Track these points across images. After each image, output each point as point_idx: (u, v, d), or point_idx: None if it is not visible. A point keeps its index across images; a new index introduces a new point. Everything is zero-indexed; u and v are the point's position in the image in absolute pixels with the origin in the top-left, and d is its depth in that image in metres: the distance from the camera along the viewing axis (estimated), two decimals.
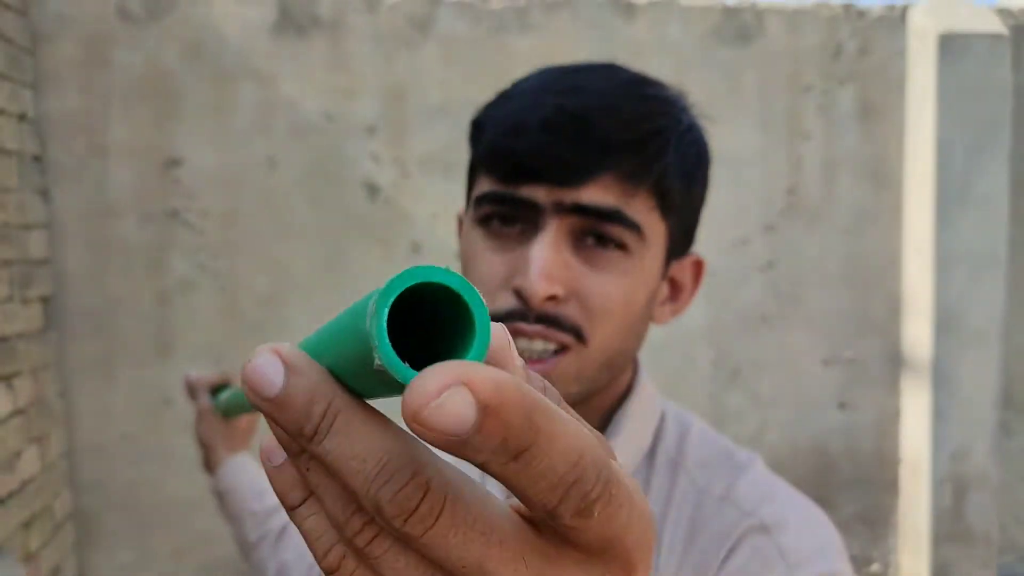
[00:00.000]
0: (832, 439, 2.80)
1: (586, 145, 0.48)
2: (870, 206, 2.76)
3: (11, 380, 2.05)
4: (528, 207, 0.49)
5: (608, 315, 0.50)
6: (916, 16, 2.71)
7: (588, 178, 0.48)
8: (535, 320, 0.48)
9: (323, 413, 0.18)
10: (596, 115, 0.48)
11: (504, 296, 0.50)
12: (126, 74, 2.36)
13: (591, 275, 0.49)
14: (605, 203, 0.48)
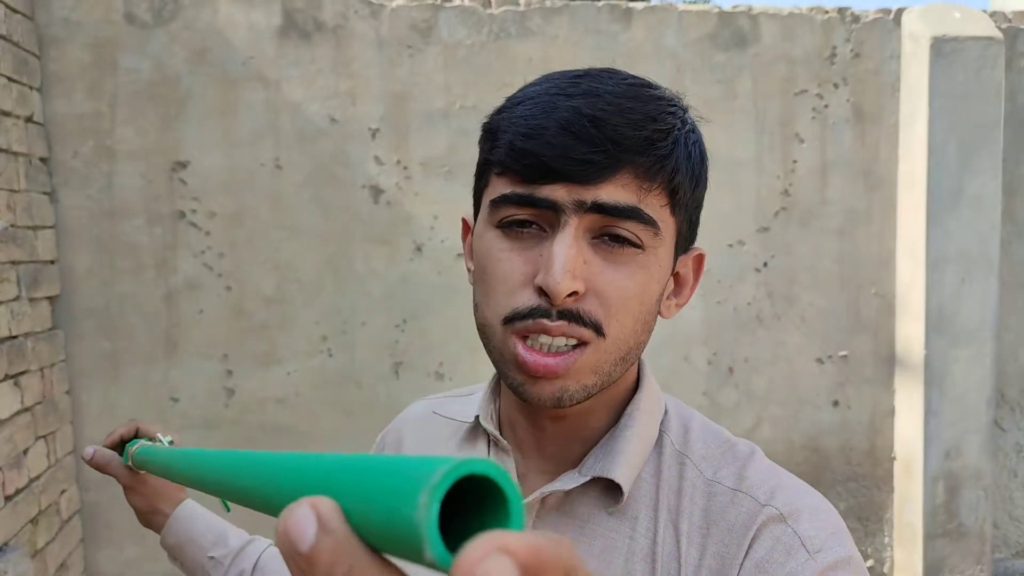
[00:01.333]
0: (826, 436, 2.84)
1: (603, 145, 0.49)
2: (863, 207, 2.80)
3: (19, 379, 2.08)
4: (548, 207, 0.50)
5: (625, 310, 0.52)
6: (909, 20, 2.75)
7: (607, 176, 0.50)
8: (557, 316, 0.50)
9: (344, 574, 0.21)
10: (610, 116, 0.50)
11: (525, 294, 0.51)
12: (133, 78, 2.39)
13: (609, 271, 0.51)
14: (624, 201, 0.50)
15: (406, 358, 2.58)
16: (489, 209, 0.54)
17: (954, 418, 2.76)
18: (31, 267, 2.19)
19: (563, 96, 0.51)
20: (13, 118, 2.13)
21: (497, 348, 0.54)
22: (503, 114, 0.54)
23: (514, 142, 0.51)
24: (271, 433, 2.52)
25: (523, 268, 0.52)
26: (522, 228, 0.52)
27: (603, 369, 0.52)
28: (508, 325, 0.52)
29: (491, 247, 0.53)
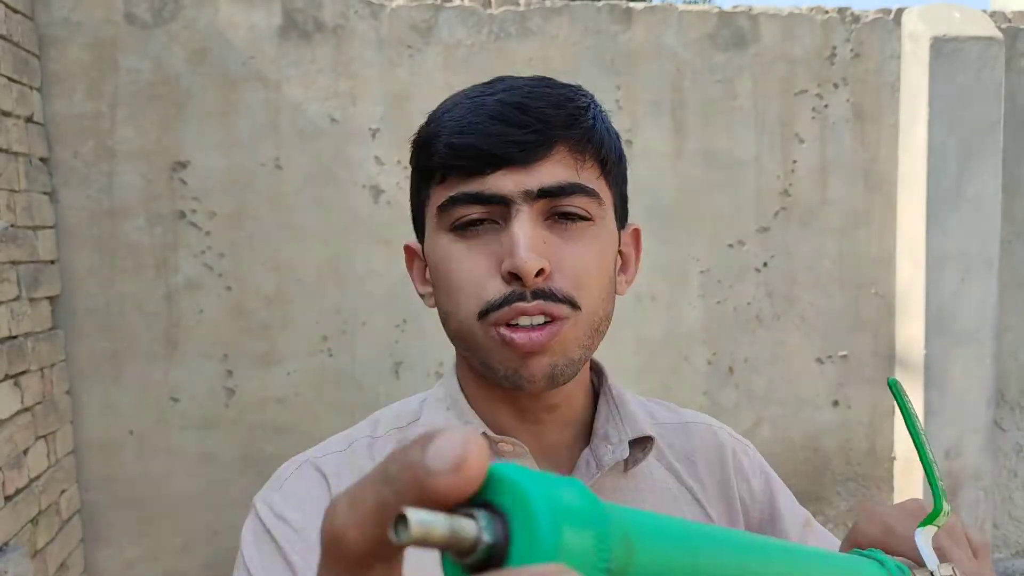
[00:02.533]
0: (826, 436, 2.84)
1: (534, 125, 0.52)
2: (863, 207, 2.80)
3: (19, 379, 2.08)
4: (498, 202, 0.53)
5: (590, 281, 0.54)
6: (910, 20, 2.75)
7: (543, 155, 0.53)
8: (532, 297, 0.52)
9: None
10: (533, 101, 0.53)
11: (493, 286, 0.53)
12: (133, 78, 2.39)
13: (567, 247, 0.54)
14: (564, 178, 0.53)
15: (406, 358, 2.58)
16: (438, 216, 0.55)
17: (954, 418, 2.76)
18: (31, 267, 2.19)
19: (484, 96, 0.55)
20: (13, 118, 2.13)
21: (480, 344, 0.54)
22: (431, 125, 0.57)
23: (451, 141, 0.53)
24: (271, 433, 2.52)
25: (485, 263, 0.53)
26: (476, 226, 0.54)
27: (583, 342, 0.55)
28: (484, 319, 0.53)
29: (448, 251, 0.55)
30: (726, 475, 0.63)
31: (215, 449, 2.50)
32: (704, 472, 0.63)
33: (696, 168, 2.70)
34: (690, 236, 2.70)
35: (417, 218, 0.60)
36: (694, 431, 0.65)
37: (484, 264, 0.53)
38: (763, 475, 0.66)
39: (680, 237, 2.69)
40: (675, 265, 2.70)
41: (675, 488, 0.62)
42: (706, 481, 0.63)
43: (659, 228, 2.65)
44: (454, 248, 0.54)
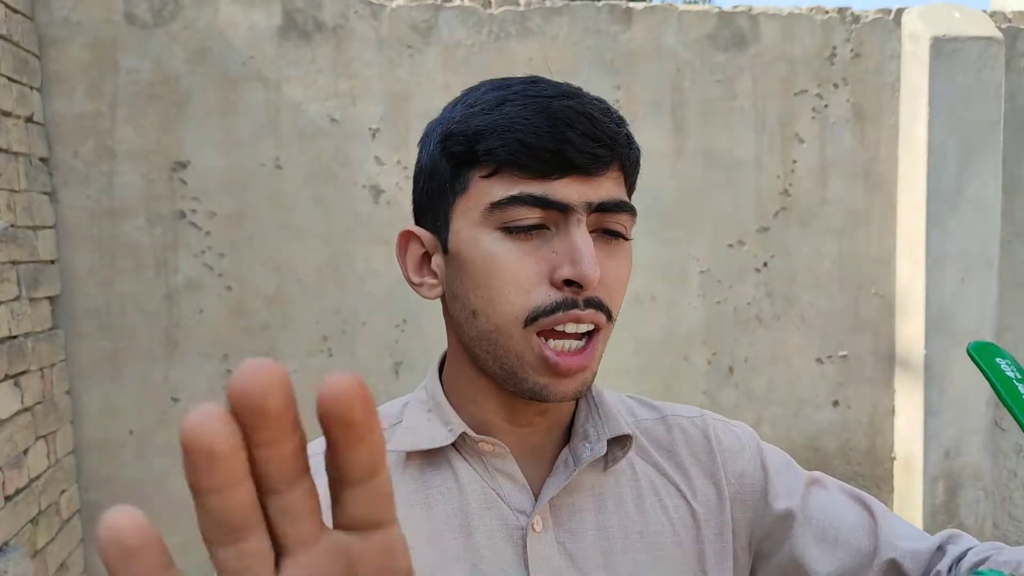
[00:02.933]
0: (826, 436, 2.84)
1: (603, 140, 0.53)
2: (863, 207, 2.81)
3: (19, 379, 2.08)
4: (560, 208, 0.53)
5: (620, 295, 0.57)
6: (910, 20, 2.75)
7: (605, 171, 0.54)
8: (585, 305, 0.53)
9: None
10: (599, 115, 0.54)
11: (541, 292, 0.53)
12: (133, 78, 2.39)
13: (608, 262, 0.55)
14: (617, 196, 0.55)
15: (406, 358, 2.58)
16: (487, 212, 0.54)
17: (954, 418, 2.77)
18: (31, 267, 2.19)
19: (543, 98, 0.53)
20: (13, 118, 2.13)
21: (515, 352, 0.54)
22: (484, 116, 0.54)
23: (524, 139, 0.52)
24: None
25: (536, 267, 0.53)
26: (527, 231, 0.53)
27: (603, 352, 0.57)
28: (530, 325, 0.53)
29: (495, 250, 0.53)
30: (711, 460, 0.64)
31: None
32: (689, 462, 0.64)
33: (696, 168, 2.70)
34: (690, 236, 2.70)
35: (436, 207, 0.58)
36: (674, 423, 0.66)
37: (534, 268, 0.53)
38: (755, 449, 0.66)
39: (680, 237, 2.69)
40: (675, 265, 2.70)
41: (658, 482, 0.63)
42: (691, 471, 0.64)
43: (659, 228, 2.65)
44: (502, 248, 0.53)
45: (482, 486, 0.58)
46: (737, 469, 0.65)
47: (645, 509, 0.61)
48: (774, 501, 0.64)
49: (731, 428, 0.67)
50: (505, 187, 0.53)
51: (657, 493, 0.62)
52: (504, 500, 0.58)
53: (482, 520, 0.57)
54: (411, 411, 0.61)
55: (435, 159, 0.58)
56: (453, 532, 0.57)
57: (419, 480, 0.59)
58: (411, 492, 0.58)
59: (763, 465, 0.65)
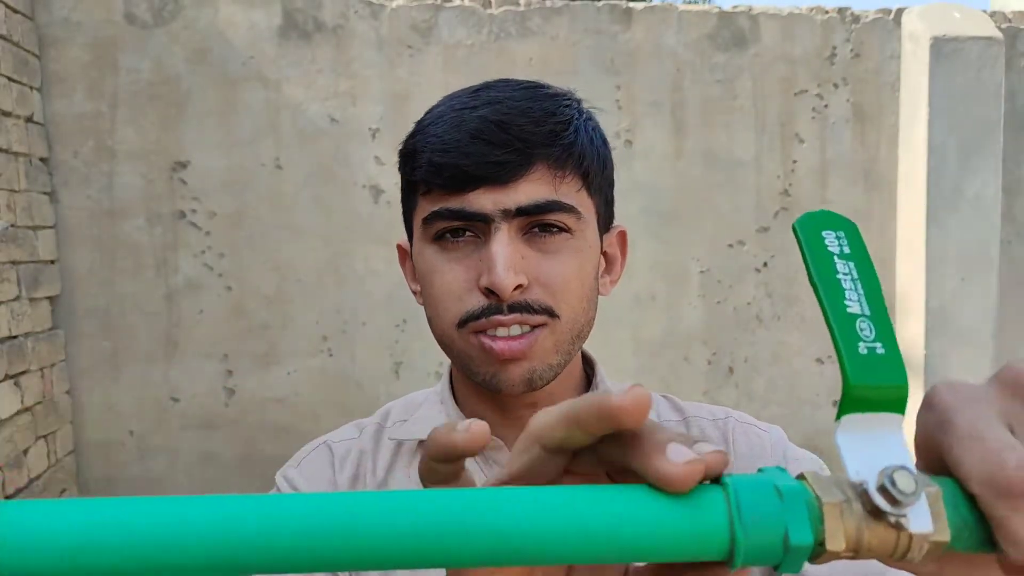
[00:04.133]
0: (826, 436, 2.84)
1: (513, 145, 0.54)
2: (863, 207, 2.81)
3: (19, 379, 2.08)
4: (479, 219, 0.55)
5: (569, 291, 0.57)
6: (910, 20, 2.75)
7: (522, 174, 0.54)
8: (509, 310, 0.55)
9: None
10: (514, 118, 0.55)
11: (472, 298, 0.55)
12: (133, 78, 2.39)
13: (546, 261, 0.56)
14: (541, 197, 0.55)
15: (406, 358, 2.58)
16: (423, 227, 0.58)
17: None
18: (31, 267, 2.19)
19: (468, 109, 0.56)
20: (13, 118, 2.13)
21: (460, 350, 0.58)
22: (417, 137, 0.59)
23: (432, 158, 0.55)
24: (271, 433, 2.52)
25: (465, 275, 0.56)
26: (456, 238, 0.56)
27: (563, 348, 0.57)
28: (463, 328, 0.56)
29: (431, 262, 0.57)
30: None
31: (215, 449, 2.50)
32: None
33: (696, 168, 2.70)
34: (690, 236, 2.70)
35: (407, 222, 0.63)
36: (694, 425, 0.66)
37: (463, 276, 0.56)
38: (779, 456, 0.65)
39: (680, 237, 2.69)
40: (675, 265, 2.70)
41: None
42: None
43: (659, 228, 2.65)
44: (436, 259, 0.57)
45: (481, 476, 0.61)
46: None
47: None
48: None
49: (756, 432, 0.66)
50: (431, 203, 0.57)
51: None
52: None
53: None
54: (428, 403, 0.66)
55: (401, 178, 0.63)
56: None
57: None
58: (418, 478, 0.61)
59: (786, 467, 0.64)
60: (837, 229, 0.32)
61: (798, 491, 0.24)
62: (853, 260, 0.30)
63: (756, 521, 0.23)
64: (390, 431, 0.65)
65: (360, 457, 0.64)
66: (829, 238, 0.31)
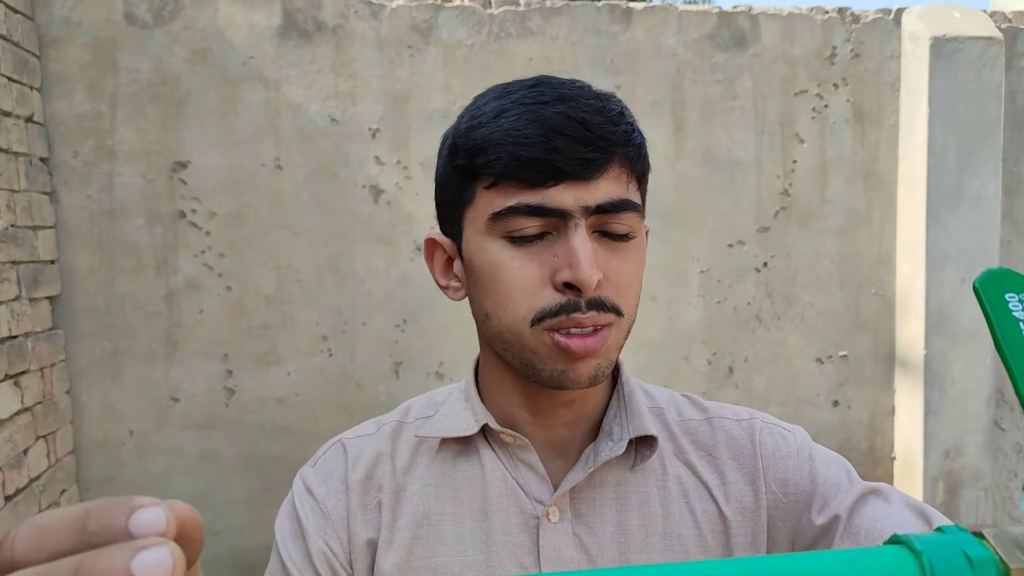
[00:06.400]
0: (826, 436, 2.84)
1: (597, 143, 0.55)
2: (863, 207, 2.81)
3: (19, 379, 2.08)
4: (558, 215, 0.55)
5: (632, 291, 0.58)
6: (910, 19, 2.75)
7: (603, 172, 0.55)
8: (586, 307, 0.55)
9: None
10: (593, 117, 0.55)
11: (546, 294, 0.56)
12: (133, 78, 2.39)
13: (614, 259, 0.57)
14: (616, 195, 0.56)
15: (406, 358, 2.58)
16: (491, 222, 0.57)
17: (954, 418, 2.77)
18: (31, 267, 2.19)
19: (539, 105, 0.55)
20: (13, 118, 2.13)
21: (528, 347, 0.57)
22: (483, 128, 0.57)
23: (516, 151, 0.54)
24: (271, 433, 2.52)
25: (539, 271, 0.56)
26: (529, 237, 0.56)
27: (621, 344, 0.59)
28: (538, 325, 0.56)
29: (498, 257, 0.57)
30: (753, 465, 0.63)
31: (215, 449, 2.50)
32: (728, 466, 0.64)
33: (696, 168, 2.70)
34: (690, 236, 2.70)
35: (451, 215, 0.61)
36: (718, 425, 0.66)
37: (537, 272, 0.56)
38: (805, 457, 0.64)
39: (680, 237, 2.69)
40: (675, 265, 2.70)
41: (689, 484, 0.63)
42: (728, 475, 0.63)
43: (659, 228, 2.65)
44: (506, 255, 0.56)
45: (504, 474, 0.62)
46: (780, 476, 0.63)
47: (671, 511, 0.62)
48: (819, 513, 0.60)
49: (781, 432, 0.66)
50: (504, 198, 0.56)
51: (686, 496, 0.62)
52: (523, 489, 0.61)
53: (500, 506, 0.61)
54: (451, 400, 0.66)
55: (447, 171, 0.61)
56: (473, 515, 0.61)
57: (449, 464, 0.63)
58: (439, 475, 0.63)
59: (811, 474, 0.63)
60: (1020, 291, 0.34)
61: (988, 560, 0.25)
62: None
63: None
64: (411, 428, 0.66)
65: (376, 459, 0.64)
66: (1012, 302, 0.33)
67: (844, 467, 0.64)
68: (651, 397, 0.67)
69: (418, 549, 0.61)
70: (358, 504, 0.62)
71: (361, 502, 0.63)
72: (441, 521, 0.61)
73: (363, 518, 0.62)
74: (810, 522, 0.60)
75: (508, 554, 0.60)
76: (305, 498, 0.63)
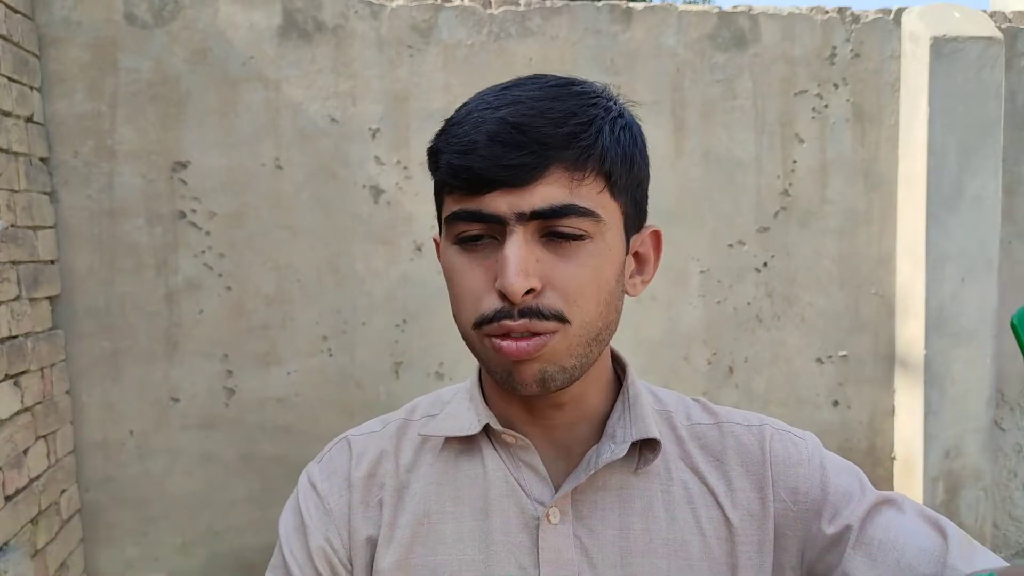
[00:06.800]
0: (826, 436, 2.84)
1: (530, 147, 0.53)
2: (863, 207, 2.81)
3: (19, 379, 2.08)
4: (494, 221, 0.54)
5: (583, 297, 0.56)
6: (909, 20, 2.75)
7: (538, 176, 0.53)
8: (519, 315, 0.54)
9: None
10: (532, 120, 0.54)
11: (489, 300, 0.55)
12: (133, 78, 2.39)
13: (560, 264, 0.55)
14: (558, 200, 0.54)
15: (406, 358, 2.58)
16: (446, 226, 0.58)
17: (954, 418, 2.77)
18: (31, 267, 2.19)
19: (490, 110, 0.55)
20: (13, 118, 2.13)
21: (477, 351, 0.58)
22: (440, 137, 0.58)
23: (451, 160, 0.55)
24: (271, 433, 2.52)
25: (483, 276, 0.56)
26: (477, 241, 0.56)
27: (577, 351, 0.56)
28: (478, 329, 0.56)
29: (453, 262, 0.58)
30: (762, 471, 0.62)
31: (215, 449, 2.50)
32: (736, 472, 0.63)
33: (696, 168, 2.70)
34: (690, 236, 2.70)
35: (438, 217, 0.63)
36: (728, 430, 0.65)
37: (482, 278, 0.56)
38: (816, 465, 0.63)
39: (680, 237, 2.69)
40: (675, 265, 2.70)
41: (695, 490, 0.62)
42: (736, 481, 0.62)
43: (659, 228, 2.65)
44: (458, 260, 0.57)
45: (505, 475, 0.62)
46: (790, 484, 0.62)
47: (675, 516, 0.61)
48: (830, 522, 0.60)
49: (792, 439, 0.64)
50: (452, 204, 0.57)
51: (691, 501, 0.62)
52: (524, 489, 0.61)
53: (500, 506, 0.61)
54: (457, 399, 0.66)
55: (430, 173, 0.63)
56: (473, 514, 0.61)
57: (453, 463, 0.63)
58: (442, 473, 0.63)
59: (823, 483, 0.61)
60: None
61: None
62: None
63: None
64: (416, 426, 0.66)
65: (379, 457, 0.65)
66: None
67: (857, 476, 0.63)
68: (660, 400, 0.67)
69: (417, 547, 0.61)
70: (360, 501, 0.63)
71: (363, 499, 0.63)
72: (441, 520, 0.61)
73: (364, 515, 0.62)
74: (820, 531, 0.60)
75: (507, 554, 0.60)
76: (309, 494, 0.64)
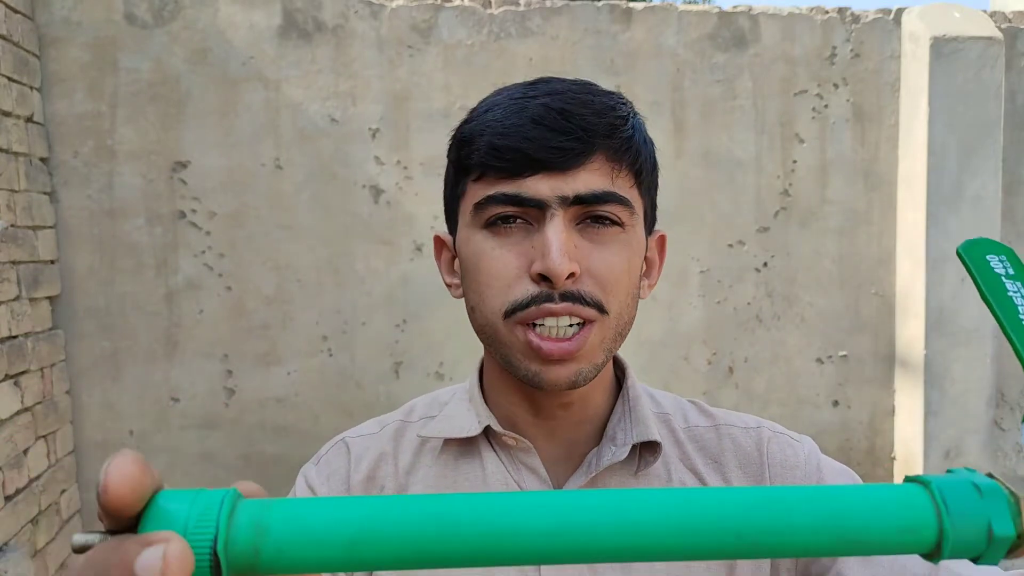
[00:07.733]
0: (826, 436, 2.84)
1: (575, 132, 0.54)
2: (863, 207, 2.81)
3: (19, 379, 2.08)
4: (533, 205, 0.54)
5: (618, 286, 0.56)
6: (909, 20, 2.75)
7: (582, 162, 0.54)
8: (560, 299, 0.53)
9: None
10: (576, 108, 0.54)
11: (521, 285, 0.54)
12: (133, 78, 2.39)
13: (597, 251, 0.55)
14: (599, 187, 0.54)
15: (406, 358, 2.58)
16: (473, 213, 0.57)
17: (954, 418, 2.77)
18: (31, 267, 2.19)
19: (527, 98, 0.55)
20: (13, 118, 2.13)
21: (504, 343, 0.56)
22: (473, 123, 0.58)
23: (493, 141, 0.54)
24: (271, 433, 2.52)
25: (516, 262, 0.55)
26: (508, 224, 0.55)
27: (607, 345, 0.56)
28: (510, 318, 0.55)
29: (480, 247, 0.56)
30: (760, 473, 0.63)
31: (215, 449, 2.50)
32: (734, 474, 0.63)
33: (696, 168, 2.70)
34: (690, 236, 2.70)
35: (450, 211, 0.62)
36: (725, 432, 0.65)
37: (514, 263, 0.55)
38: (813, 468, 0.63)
39: (680, 237, 2.69)
40: (675, 265, 2.70)
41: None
42: (735, 484, 0.62)
43: (659, 228, 2.65)
44: (486, 245, 0.56)
45: (505, 477, 0.61)
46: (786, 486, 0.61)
47: None
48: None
49: (789, 442, 0.64)
50: (485, 188, 0.56)
51: None
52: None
53: None
54: (455, 400, 0.65)
55: (448, 166, 0.61)
56: None
57: (451, 466, 0.62)
58: (440, 476, 0.62)
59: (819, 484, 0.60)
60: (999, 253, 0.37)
61: (997, 488, 0.27)
62: (1019, 280, 0.35)
63: (962, 516, 0.26)
64: (414, 427, 0.65)
65: (379, 459, 0.63)
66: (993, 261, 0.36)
67: (852, 479, 0.64)
68: (657, 403, 0.66)
69: None
70: None
71: None
72: None
73: None
74: None
75: None
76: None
